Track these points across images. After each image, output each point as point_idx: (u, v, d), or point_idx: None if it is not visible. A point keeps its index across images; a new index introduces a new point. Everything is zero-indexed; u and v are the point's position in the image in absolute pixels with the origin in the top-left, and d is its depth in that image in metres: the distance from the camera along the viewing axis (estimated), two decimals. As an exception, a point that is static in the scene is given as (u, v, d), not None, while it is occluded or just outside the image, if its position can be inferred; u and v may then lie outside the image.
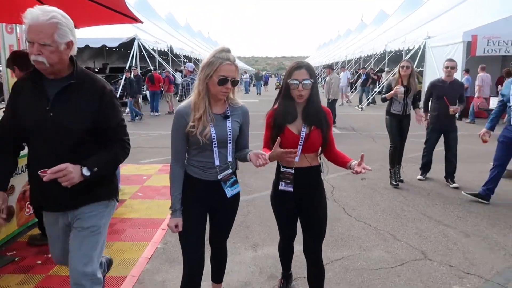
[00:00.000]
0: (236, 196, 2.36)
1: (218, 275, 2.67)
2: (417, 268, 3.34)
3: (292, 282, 3.03)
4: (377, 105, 17.78)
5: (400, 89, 5.37)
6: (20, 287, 3.01)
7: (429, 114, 5.79)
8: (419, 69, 19.07)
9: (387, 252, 3.64)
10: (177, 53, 23.99)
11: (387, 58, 20.98)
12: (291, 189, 2.41)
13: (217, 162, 2.21)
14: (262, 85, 30.22)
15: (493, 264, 3.42)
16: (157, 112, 14.79)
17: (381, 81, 22.87)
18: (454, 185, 5.60)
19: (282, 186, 2.43)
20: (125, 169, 6.37)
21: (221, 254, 2.60)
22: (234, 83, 2.13)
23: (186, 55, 26.35)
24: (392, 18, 32.02)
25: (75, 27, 3.92)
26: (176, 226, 2.23)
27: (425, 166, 5.96)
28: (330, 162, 2.51)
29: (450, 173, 5.72)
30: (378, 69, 25.16)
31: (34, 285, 3.03)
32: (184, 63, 26.27)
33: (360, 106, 17.60)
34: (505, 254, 3.61)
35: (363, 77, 20.21)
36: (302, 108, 2.37)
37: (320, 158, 2.50)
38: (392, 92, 5.47)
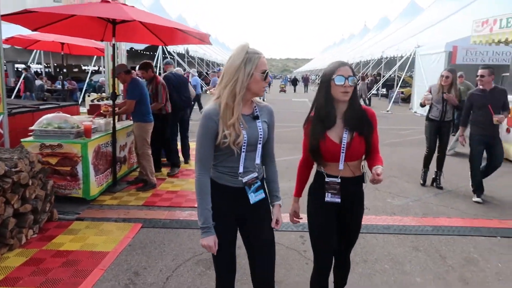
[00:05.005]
0: (264, 206, 2.17)
1: None
2: (371, 193, 5.57)
3: None
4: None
5: (427, 96, 5.67)
6: (136, 201, 5.24)
7: (468, 128, 5.45)
8: (409, 74, 21.37)
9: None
10: (192, 55, 26.12)
11: (383, 64, 23.32)
12: (339, 200, 2.25)
13: (241, 168, 2.05)
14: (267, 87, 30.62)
15: (420, 194, 5.68)
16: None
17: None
18: (477, 199, 5.30)
19: (328, 198, 2.26)
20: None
21: None
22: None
23: (200, 57, 28.57)
24: (391, 26, 34.33)
25: (165, 45, 6.24)
26: (214, 244, 2.01)
27: (479, 187, 5.36)
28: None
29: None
30: (375, 73, 27.45)
31: (144, 202, 5.36)
32: (199, 65, 28.57)
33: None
34: (433, 192, 5.82)
35: None
36: (343, 112, 2.21)
37: (363, 167, 2.33)
38: (422, 98, 5.79)
